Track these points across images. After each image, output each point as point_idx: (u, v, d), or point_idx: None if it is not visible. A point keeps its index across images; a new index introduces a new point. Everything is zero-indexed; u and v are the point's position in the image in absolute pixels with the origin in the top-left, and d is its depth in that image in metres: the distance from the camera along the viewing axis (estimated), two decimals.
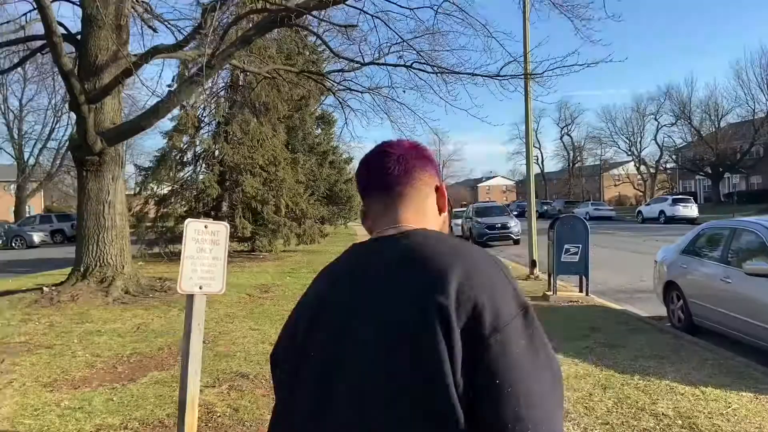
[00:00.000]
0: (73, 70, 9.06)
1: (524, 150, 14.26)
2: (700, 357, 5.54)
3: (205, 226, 3.84)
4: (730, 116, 50.39)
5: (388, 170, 1.09)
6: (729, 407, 4.18)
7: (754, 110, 46.77)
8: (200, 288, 3.78)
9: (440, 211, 1.13)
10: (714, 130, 49.54)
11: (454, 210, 31.66)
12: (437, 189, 1.12)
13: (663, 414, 4.10)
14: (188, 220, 3.81)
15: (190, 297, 3.76)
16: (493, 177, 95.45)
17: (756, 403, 4.26)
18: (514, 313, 0.91)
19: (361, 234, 32.75)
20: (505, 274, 0.97)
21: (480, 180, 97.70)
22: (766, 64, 46.01)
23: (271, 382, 1.14)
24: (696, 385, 4.66)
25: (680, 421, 3.96)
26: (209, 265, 3.81)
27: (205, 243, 3.81)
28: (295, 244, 18.28)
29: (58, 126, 40.29)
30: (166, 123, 19.67)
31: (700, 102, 52.75)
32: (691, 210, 33.29)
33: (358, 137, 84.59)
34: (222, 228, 3.91)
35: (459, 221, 26.02)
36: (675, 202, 34.65)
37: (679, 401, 4.34)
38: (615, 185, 68.59)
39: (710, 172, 48.68)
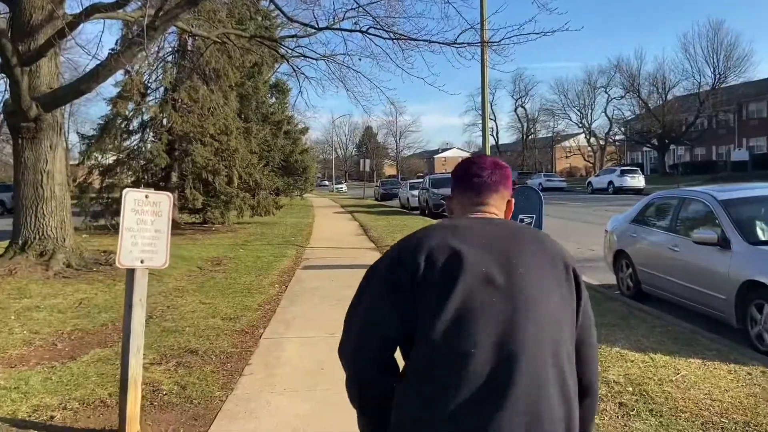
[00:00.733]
0: (6, 30, 8.42)
1: (480, 122, 14.23)
2: (649, 324, 5.66)
3: (146, 196, 3.61)
4: (676, 89, 51.91)
5: (485, 177, 1.57)
6: (678, 374, 4.27)
7: (699, 83, 48.25)
8: (141, 262, 3.57)
9: (505, 216, 1.60)
10: (661, 102, 50.94)
11: (410, 181, 31.81)
12: (508, 202, 1.61)
13: (614, 381, 4.15)
14: (126, 189, 3.57)
15: (131, 271, 3.56)
16: (449, 149, 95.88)
17: (704, 369, 4.36)
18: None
19: (318, 205, 32.38)
20: None
21: (436, 152, 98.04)
22: (713, 37, 47.41)
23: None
24: (645, 352, 4.75)
25: (631, 388, 4.02)
26: (151, 238, 3.60)
27: (146, 214, 3.59)
28: (249, 216, 17.87)
29: None
30: (110, 89, 18.81)
31: (648, 75, 54.06)
32: (639, 181, 34.42)
33: (314, 106, 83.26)
34: (164, 198, 3.68)
35: (416, 192, 26.00)
36: (623, 173, 35.74)
37: (630, 368, 4.41)
38: (566, 157, 69.99)
39: (657, 143, 50.20)
